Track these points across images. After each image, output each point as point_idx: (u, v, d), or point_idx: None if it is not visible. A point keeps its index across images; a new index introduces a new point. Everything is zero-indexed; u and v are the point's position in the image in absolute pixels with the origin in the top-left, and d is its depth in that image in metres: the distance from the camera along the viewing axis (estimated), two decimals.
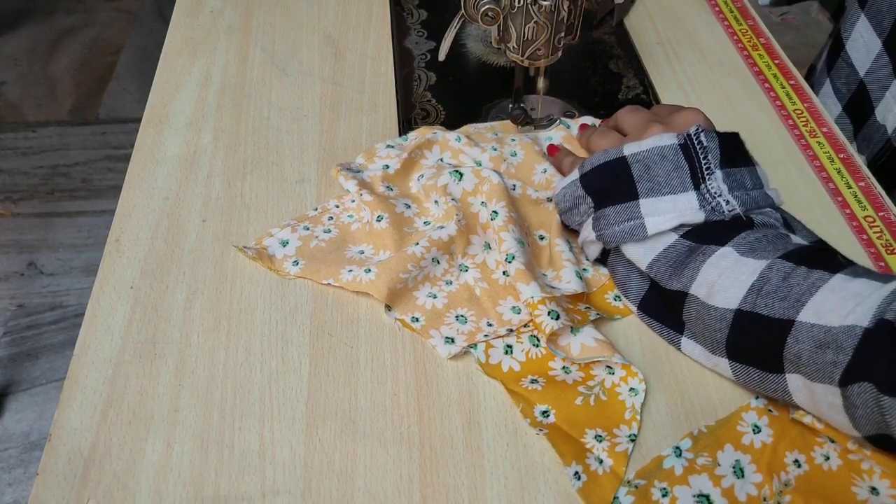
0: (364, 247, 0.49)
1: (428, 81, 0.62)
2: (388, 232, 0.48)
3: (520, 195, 0.50)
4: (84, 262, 1.46)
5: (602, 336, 0.43)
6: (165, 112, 0.59)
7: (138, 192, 0.53)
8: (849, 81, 0.60)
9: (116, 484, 0.38)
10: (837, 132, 0.56)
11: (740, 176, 0.42)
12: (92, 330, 0.45)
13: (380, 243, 0.48)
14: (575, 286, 0.44)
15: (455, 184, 0.49)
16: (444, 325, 0.44)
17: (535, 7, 0.48)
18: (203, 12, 0.68)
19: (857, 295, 0.34)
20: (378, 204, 0.49)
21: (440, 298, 0.46)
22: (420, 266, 0.46)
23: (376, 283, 0.44)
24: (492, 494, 0.38)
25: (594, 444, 0.39)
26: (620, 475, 0.38)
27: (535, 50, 0.51)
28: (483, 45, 0.65)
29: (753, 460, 0.38)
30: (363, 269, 0.45)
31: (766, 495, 0.37)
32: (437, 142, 0.53)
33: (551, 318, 0.42)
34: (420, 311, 0.45)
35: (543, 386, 0.41)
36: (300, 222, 0.50)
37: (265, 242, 0.49)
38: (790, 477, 0.37)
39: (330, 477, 0.38)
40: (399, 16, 0.69)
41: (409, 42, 0.66)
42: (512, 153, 0.52)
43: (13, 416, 1.24)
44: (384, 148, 0.54)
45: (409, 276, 0.45)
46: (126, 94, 1.82)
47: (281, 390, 0.42)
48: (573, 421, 0.40)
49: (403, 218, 0.49)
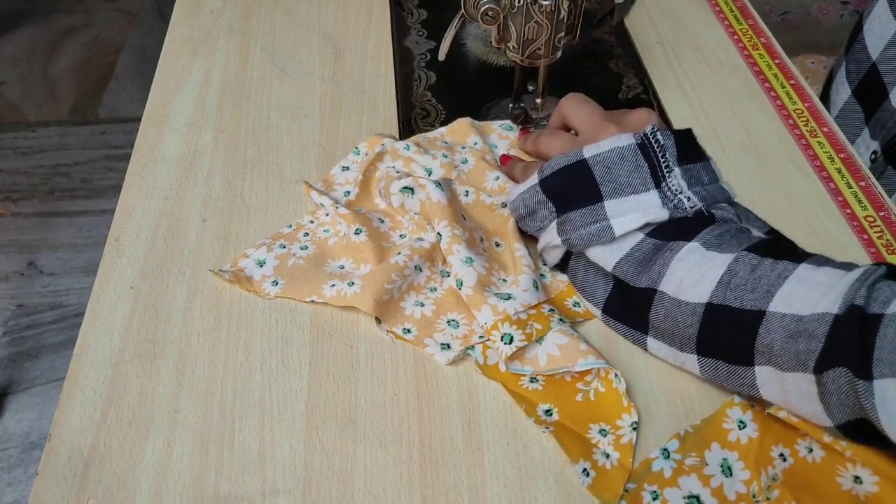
0: (344, 261, 0.48)
1: (428, 81, 0.62)
2: (367, 245, 0.47)
3: (473, 201, 0.49)
4: (84, 262, 1.46)
5: (566, 339, 0.42)
6: (165, 112, 0.59)
7: (138, 192, 0.53)
8: (860, 64, 0.59)
9: (116, 484, 0.38)
10: (837, 132, 0.56)
11: (696, 171, 0.42)
12: (92, 330, 0.45)
13: (360, 257, 0.47)
14: (530, 297, 0.43)
15: (410, 199, 0.48)
16: (437, 332, 0.44)
17: (535, 7, 0.48)
18: (203, 12, 0.68)
19: (823, 283, 0.35)
20: (355, 217, 0.48)
21: (428, 306, 0.45)
22: (403, 275, 0.45)
23: (362, 296, 0.44)
24: (492, 494, 0.38)
25: (599, 439, 0.39)
26: (628, 467, 0.38)
27: (535, 50, 0.51)
28: (483, 45, 0.65)
29: (740, 457, 0.38)
30: (346, 283, 0.45)
31: (755, 491, 0.37)
32: (387, 152, 0.53)
33: (504, 342, 0.42)
34: (410, 321, 0.44)
35: (543, 385, 0.42)
36: (275, 240, 0.49)
37: (241, 264, 0.47)
38: (777, 471, 0.37)
39: (330, 477, 0.38)
40: (399, 16, 0.69)
41: (409, 42, 0.66)
42: (463, 160, 0.52)
43: (13, 416, 1.24)
44: (340, 173, 0.53)
45: (394, 286, 0.45)
46: (126, 94, 1.82)
47: (281, 390, 0.42)
48: (576, 418, 0.40)
49: (380, 232, 0.48)
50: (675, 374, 0.42)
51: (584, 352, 0.41)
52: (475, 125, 0.56)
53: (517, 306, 0.43)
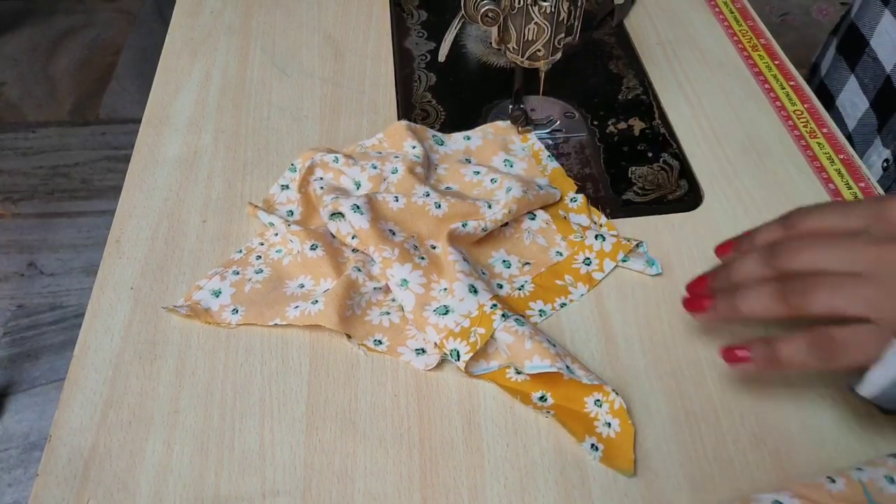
0: (302, 279, 0.47)
1: (428, 82, 0.62)
2: (325, 260, 0.46)
3: (404, 205, 0.48)
4: (84, 262, 1.46)
5: (512, 339, 0.41)
6: (165, 112, 0.59)
7: (138, 193, 0.53)
8: (875, 77, 0.59)
9: (116, 484, 0.38)
10: (837, 132, 0.56)
11: None
12: (92, 330, 0.45)
13: (318, 272, 0.46)
14: (467, 305, 0.43)
15: (343, 223, 0.47)
16: (409, 339, 0.44)
17: (535, 8, 0.48)
18: (203, 12, 0.68)
19: None
20: (308, 234, 0.47)
21: (394, 313, 0.45)
22: (361, 293, 0.45)
23: (326, 313, 0.43)
24: (492, 494, 0.38)
25: (597, 411, 0.40)
26: (630, 429, 0.39)
27: (535, 51, 0.51)
28: (483, 46, 0.65)
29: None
30: (310, 302, 0.44)
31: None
32: (318, 164, 0.52)
33: (453, 357, 0.42)
34: (379, 331, 0.44)
35: (530, 374, 0.42)
36: (227, 267, 0.47)
37: (195, 297, 0.46)
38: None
39: (330, 477, 0.38)
40: (399, 16, 0.69)
41: (409, 42, 0.66)
42: (392, 170, 0.51)
43: (13, 416, 1.24)
44: (280, 192, 0.52)
45: (354, 302, 0.44)
46: (126, 94, 1.82)
47: (281, 391, 0.42)
48: (570, 396, 0.41)
49: (334, 247, 0.48)
50: (675, 376, 0.43)
51: (528, 352, 0.41)
52: (412, 128, 0.54)
53: (456, 318, 0.43)
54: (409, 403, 0.41)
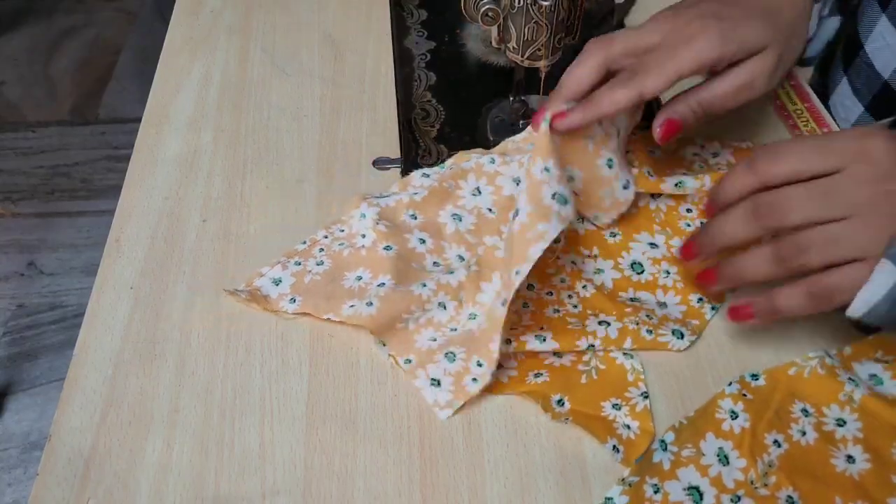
0: (361, 271, 0.46)
1: (428, 81, 0.62)
2: (389, 259, 0.45)
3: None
4: (84, 262, 1.46)
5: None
6: (165, 112, 0.59)
7: (138, 192, 0.53)
8: (870, 82, 0.58)
9: (116, 484, 0.38)
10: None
11: None
12: (92, 330, 0.45)
13: (378, 268, 0.46)
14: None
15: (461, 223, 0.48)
16: (430, 364, 0.42)
17: (535, 7, 0.48)
18: (203, 12, 0.68)
19: None
20: (388, 236, 0.46)
21: (439, 340, 0.44)
22: (424, 309, 0.44)
23: (376, 318, 0.42)
24: (492, 494, 0.38)
25: (615, 414, 0.40)
26: (650, 431, 0.39)
27: (535, 50, 0.51)
28: (483, 46, 0.65)
29: (735, 446, 0.38)
30: (364, 303, 0.43)
31: (752, 478, 0.37)
32: (470, 170, 0.50)
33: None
34: (415, 353, 0.43)
35: (549, 376, 0.42)
36: (290, 258, 0.48)
37: (257, 283, 0.46)
38: (773, 457, 0.38)
39: (330, 477, 0.38)
40: (399, 16, 0.69)
41: (409, 42, 0.66)
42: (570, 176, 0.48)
43: (13, 416, 1.24)
44: (419, 177, 0.51)
45: (412, 316, 0.44)
46: (126, 94, 1.82)
47: (281, 390, 0.42)
48: (586, 400, 0.41)
49: (414, 253, 0.47)
50: (675, 376, 0.42)
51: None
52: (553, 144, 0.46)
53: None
54: (409, 403, 0.41)
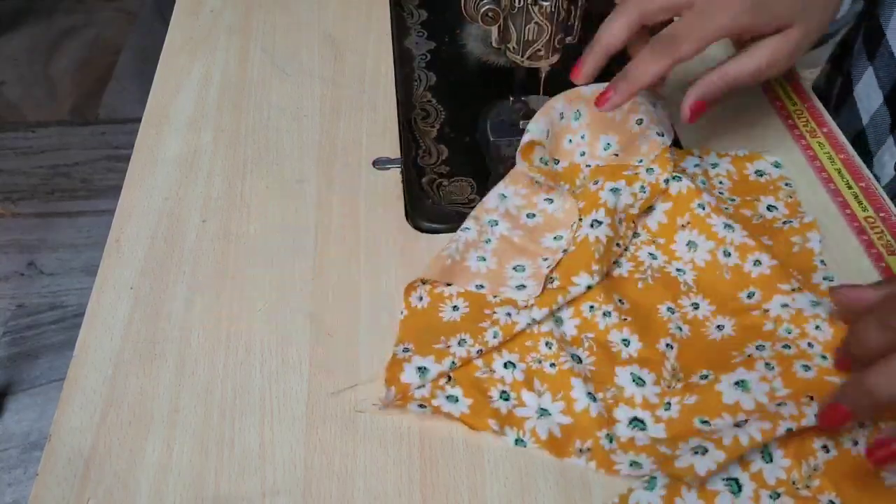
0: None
1: (428, 81, 0.62)
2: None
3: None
4: (84, 262, 1.46)
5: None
6: (165, 112, 0.59)
7: (138, 192, 0.53)
8: (891, 71, 0.58)
9: (116, 484, 0.38)
10: (837, 132, 0.56)
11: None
12: (92, 330, 0.45)
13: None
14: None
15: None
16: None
17: (535, 8, 0.48)
18: (203, 12, 0.68)
19: None
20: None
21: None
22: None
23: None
24: (492, 494, 0.38)
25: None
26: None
27: (535, 51, 0.51)
28: (483, 46, 0.65)
29: (780, 445, 0.38)
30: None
31: (794, 479, 0.37)
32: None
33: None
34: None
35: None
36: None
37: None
38: (819, 462, 0.37)
39: (330, 477, 0.38)
40: (399, 16, 0.69)
41: (409, 42, 0.66)
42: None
43: (13, 416, 1.24)
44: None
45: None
46: (126, 94, 1.82)
47: (281, 390, 0.42)
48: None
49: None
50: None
51: None
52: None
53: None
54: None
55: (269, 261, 0.48)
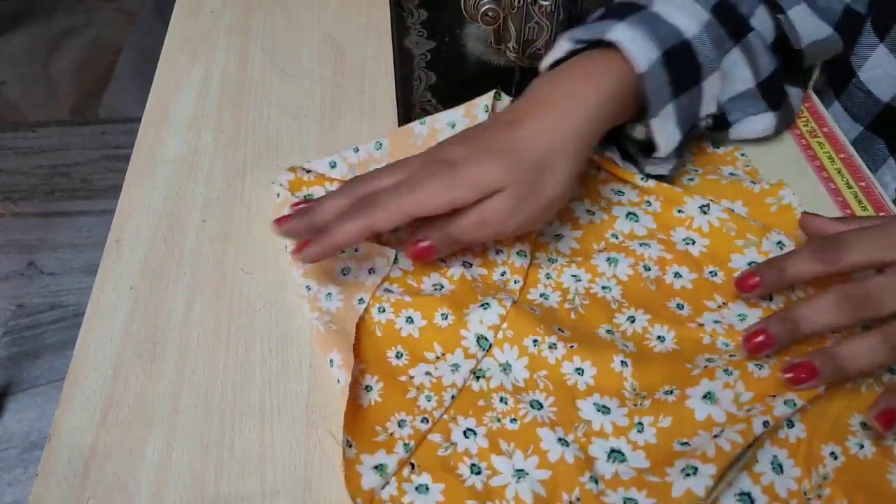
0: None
1: (428, 81, 0.62)
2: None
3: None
4: (84, 262, 1.46)
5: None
6: (165, 112, 0.59)
7: (138, 192, 0.53)
8: (867, 107, 0.58)
9: (116, 484, 0.38)
10: (838, 132, 0.56)
11: None
12: (92, 330, 0.45)
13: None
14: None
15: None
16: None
17: (535, 7, 0.48)
18: (203, 12, 0.68)
19: None
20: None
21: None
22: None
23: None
24: None
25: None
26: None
27: (534, 50, 0.51)
28: (483, 45, 0.65)
29: (790, 454, 0.38)
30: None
31: (805, 489, 0.37)
32: None
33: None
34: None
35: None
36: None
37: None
38: (828, 469, 0.37)
39: (330, 477, 0.38)
40: (399, 16, 0.69)
41: (409, 42, 0.66)
42: None
43: (13, 416, 1.24)
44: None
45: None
46: (126, 94, 1.82)
47: (281, 390, 0.42)
48: None
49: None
50: None
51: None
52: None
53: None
54: None
55: (269, 261, 0.48)
